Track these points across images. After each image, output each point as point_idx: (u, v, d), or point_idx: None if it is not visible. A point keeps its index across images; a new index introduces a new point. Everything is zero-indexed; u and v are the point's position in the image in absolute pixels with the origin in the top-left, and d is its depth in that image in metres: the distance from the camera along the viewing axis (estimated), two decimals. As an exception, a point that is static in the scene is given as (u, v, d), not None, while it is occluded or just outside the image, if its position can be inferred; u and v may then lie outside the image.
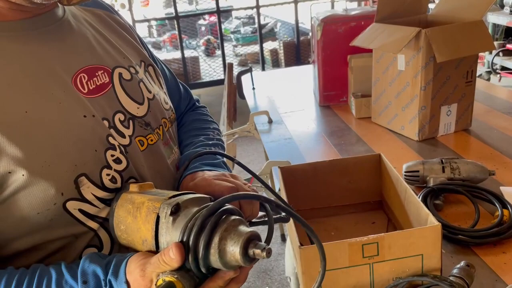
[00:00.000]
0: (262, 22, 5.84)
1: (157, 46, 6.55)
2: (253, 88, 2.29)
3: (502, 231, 0.96)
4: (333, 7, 5.29)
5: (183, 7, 5.94)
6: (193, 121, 1.03)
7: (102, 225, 0.71)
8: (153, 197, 0.66)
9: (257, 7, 5.10)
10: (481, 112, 1.66)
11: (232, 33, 6.77)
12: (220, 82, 4.89)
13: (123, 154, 0.73)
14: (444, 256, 0.90)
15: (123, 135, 0.75)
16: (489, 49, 1.52)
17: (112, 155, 0.71)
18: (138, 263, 0.61)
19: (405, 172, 1.19)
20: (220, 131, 1.04)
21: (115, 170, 0.71)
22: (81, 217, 0.69)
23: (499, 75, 4.32)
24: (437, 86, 1.43)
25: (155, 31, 7.35)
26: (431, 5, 1.80)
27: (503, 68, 4.35)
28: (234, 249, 0.56)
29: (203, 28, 6.94)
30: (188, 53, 5.35)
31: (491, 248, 0.94)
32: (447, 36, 1.36)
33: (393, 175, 1.00)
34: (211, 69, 5.53)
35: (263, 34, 5.45)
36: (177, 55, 5.19)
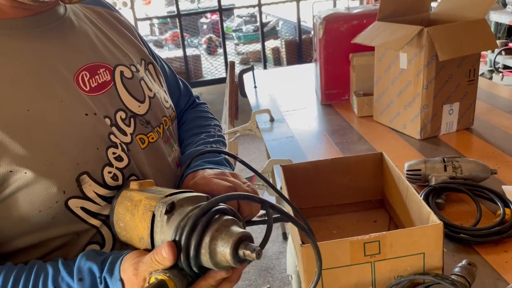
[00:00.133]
0: (264, 20, 5.85)
1: (159, 44, 6.56)
2: (255, 87, 2.29)
3: (504, 230, 0.96)
4: (335, 6, 5.28)
5: (185, 5, 5.95)
6: (194, 119, 1.03)
7: (104, 222, 0.71)
8: (151, 195, 0.65)
9: (259, 5, 5.10)
10: (483, 111, 1.66)
11: (234, 31, 6.77)
12: (222, 80, 4.89)
13: (124, 151, 0.73)
14: (445, 254, 0.90)
15: (124, 133, 0.75)
16: (491, 47, 1.52)
17: (114, 153, 0.71)
18: (132, 261, 0.61)
19: (407, 170, 1.19)
20: (221, 127, 1.04)
21: (116, 168, 0.71)
22: (83, 215, 0.69)
23: (501, 74, 4.31)
24: (439, 85, 1.42)
25: (157, 29, 7.36)
26: (433, 4, 1.80)
27: (505, 67, 4.34)
28: (224, 249, 0.55)
29: (205, 27, 6.95)
30: (190, 51, 5.36)
31: (493, 247, 0.94)
32: (450, 34, 1.36)
33: (395, 173, 1.00)
34: (212, 67, 5.53)
35: (265, 32, 5.45)
36: (179, 53, 5.19)
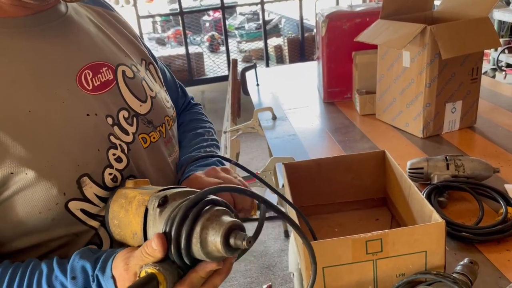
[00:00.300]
0: (267, 18, 5.84)
1: (161, 42, 6.57)
2: (257, 85, 2.29)
3: (506, 228, 0.96)
4: (338, 4, 5.27)
5: (187, 3, 5.95)
6: (190, 122, 1.05)
7: (102, 223, 0.71)
8: (145, 191, 0.65)
9: (261, 3, 5.09)
10: (486, 110, 1.65)
11: (237, 29, 6.77)
12: (224, 78, 4.89)
13: (123, 152, 0.73)
14: (447, 253, 0.90)
15: (126, 132, 0.75)
16: (494, 46, 1.51)
17: (114, 154, 0.71)
18: (123, 257, 0.61)
19: (409, 169, 1.19)
20: (214, 130, 1.06)
21: (116, 169, 0.71)
22: (82, 217, 0.69)
23: (504, 72, 4.29)
24: (442, 83, 1.42)
25: (160, 27, 7.37)
26: (436, 2, 1.79)
27: (509, 65, 4.32)
28: (215, 238, 0.55)
29: (207, 24, 6.95)
30: (192, 49, 5.35)
31: (495, 246, 0.94)
32: (453, 32, 1.35)
33: (397, 172, 1.00)
34: (215, 65, 5.53)
35: (267, 30, 5.45)
36: (181, 51, 5.19)
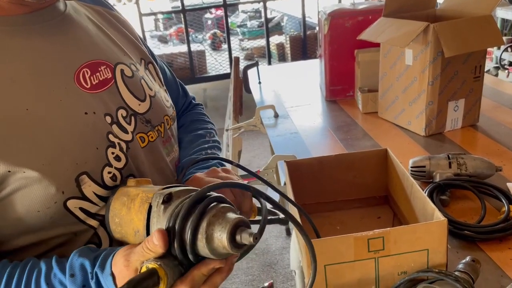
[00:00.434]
0: (269, 16, 5.83)
1: (163, 40, 6.56)
2: (259, 82, 2.29)
3: (508, 227, 0.96)
4: (340, 1, 5.26)
5: (189, 0, 5.94)
6: (191, 123, 1.04)
7: (101, 223, 0.71)
8: (148, 189, 0.65)
9: (263, 0, 5.08)
10: (489, 108, 1.65)
11: (239, 27, 6.76)
12: (226, 76, 4.89)
13: (122, 151, 0.73)
14: (449, 251, 0.90)
15: (125, 131, 0.75)
16: (497, 44, 1.51)
17: (113, 153, 0.71)
18: (123, 253, 0.60)
19: (412, 167, 1.19)
20: (216, 130, 1.06)
21: (115, 168, 0.71)
22: (81, 216, 0.69)
23: (507, 71, 4.28)
24: (445, 81, 1.42)
25: (162, 24, 7.36)
26: (439, 0, 1.79)
27: (511, 64, 4.31)
28: (221, 234, 0.55)
29: (209, 22, 6.95)
30: (194, 46, 5.35)
31: (497, 244, 0.94)
32: (456, 30, 1.35)
33: (399, 170, 1.00)
34: (217, 63, 5.53)
35: (269, 28, 5.44)
36: (183, 48, 5.19)
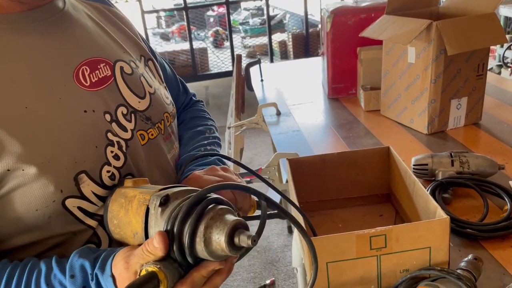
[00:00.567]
0: (271, 13, 5.83)
1: (165, 37, 6.57)
2: (262, 80, 2.29)
3: (510, 225, 0.96)
4: (342, -1, 5.25)
5: (191, -2, 5.93)
6: (191, 119, 1.04)
7: (100, 223, 0.71)
8: (145, 190, 0.65)
9: (266, -2, 5.08)
10: (491, 106, 1.65)
11: (241, 24, 6.76)
12: (228, 73, 4.88)
13: (121, 150, 0.72)
14: (452, 249, 0.90)
15: (125, 129, 0.74)
16: (501, 42, 1.50)
17: (112, 151, 0.71)
18: (123, 255, 0.60)
19: (414, 165, 1.19)
20: (216, 127, 1.05)
21: (114, 167, 0.71)
22: (80, 215, 0.68)
23: (510, 69, 4.26)
24: (448, 79, 1.42)
25: (164, 22, 7.36)
26: (442, -3, 1.78)
27: (514, 62, 4.29)
28: (219, 237, 0.55)
29: (211, 19, 6.94)
30: (196, 44, 5.35)
31: (499, 242, 0.94)
32: (459, 28, 1.35)
33: (401, 168, 1.00)
34: (219, 60, 5.53)
35: (272, 25, 5.43)
36: (185, 46, 5.19)
